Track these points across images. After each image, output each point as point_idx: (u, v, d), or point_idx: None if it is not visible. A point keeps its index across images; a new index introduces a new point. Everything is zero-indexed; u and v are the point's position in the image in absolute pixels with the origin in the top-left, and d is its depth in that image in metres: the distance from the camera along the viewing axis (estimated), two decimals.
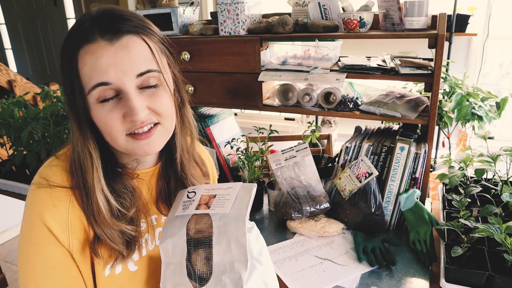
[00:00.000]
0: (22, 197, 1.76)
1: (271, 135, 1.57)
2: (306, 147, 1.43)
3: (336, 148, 1.85)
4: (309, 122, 1.81)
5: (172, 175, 0.85)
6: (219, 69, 1.53)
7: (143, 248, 0.80)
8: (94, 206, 0.71)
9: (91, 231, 0.73)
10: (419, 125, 1.44)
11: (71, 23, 4.57)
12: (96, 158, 0.72)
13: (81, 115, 0.69)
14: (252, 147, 1.69)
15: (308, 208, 1.34)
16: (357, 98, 1.44)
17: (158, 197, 0.85)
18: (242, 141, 1.67)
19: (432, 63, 1.33)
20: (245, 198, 0.72)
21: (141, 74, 0.69)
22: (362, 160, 1.32)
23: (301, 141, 1.56)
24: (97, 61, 0.66)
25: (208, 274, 0.69)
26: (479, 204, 1.27)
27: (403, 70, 1.28)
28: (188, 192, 0.79)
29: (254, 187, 0.74)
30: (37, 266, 0.70)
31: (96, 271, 0.74)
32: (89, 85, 0.67)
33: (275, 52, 1.59)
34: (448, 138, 2.31)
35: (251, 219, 0.96)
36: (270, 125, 1.59)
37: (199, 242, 0.71)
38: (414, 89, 2.05)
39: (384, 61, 1.42)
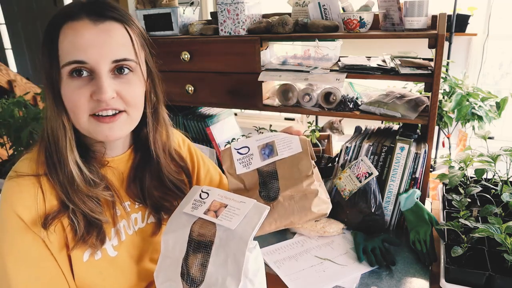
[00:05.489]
0: None
1: None
2: None
3: (336, 148, 1.85)
4: (309, 122, 1.81)
5: (148, 172, 0.85)
6: (219, 69, 1.53)
7: (122, 234, 0.81)
8: (68, 174, 0.72)
9: (65, 217, 0.73)
10: (419, 125, 1.44)
11: None
12: (69, 129, 0.73)
13: (56, 87, 0.71)
14: None
15: None
16: (357, 98, 1.44)
17: (131, 186, 0.85)
18: None
19: (432, 63, 1.33)
20: (254, 219, 0.71)
21: (117, 61, 0.71)
22: (362, 160, 1.32)
23: None
24: (78, 39, 0.68)
25: (200, 281, 0.69)
26: (479, 204, 1.27)
27: (403, 70, 1.28)
28: (202, 191, 0.79)
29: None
30: (10, 253, 0.71)
31: (73, 257, 0.74)
32: (66, 59, 0.68)
33: (275, 52, 1.59)
34: (448, 138, 2.31)
35: None
36: (270, 125, 1.59)
37: (200, 246, 0.71)
38: (414, 89, 2.05)
39: (384, 61, 1.42)
